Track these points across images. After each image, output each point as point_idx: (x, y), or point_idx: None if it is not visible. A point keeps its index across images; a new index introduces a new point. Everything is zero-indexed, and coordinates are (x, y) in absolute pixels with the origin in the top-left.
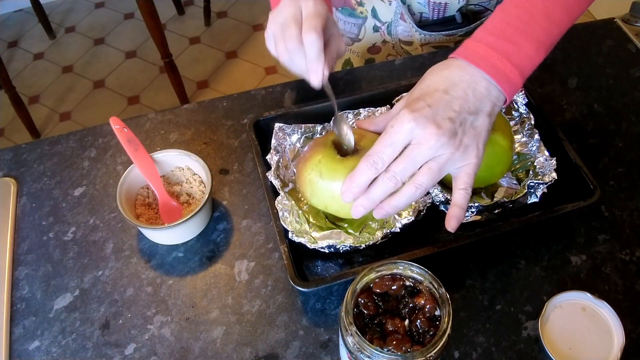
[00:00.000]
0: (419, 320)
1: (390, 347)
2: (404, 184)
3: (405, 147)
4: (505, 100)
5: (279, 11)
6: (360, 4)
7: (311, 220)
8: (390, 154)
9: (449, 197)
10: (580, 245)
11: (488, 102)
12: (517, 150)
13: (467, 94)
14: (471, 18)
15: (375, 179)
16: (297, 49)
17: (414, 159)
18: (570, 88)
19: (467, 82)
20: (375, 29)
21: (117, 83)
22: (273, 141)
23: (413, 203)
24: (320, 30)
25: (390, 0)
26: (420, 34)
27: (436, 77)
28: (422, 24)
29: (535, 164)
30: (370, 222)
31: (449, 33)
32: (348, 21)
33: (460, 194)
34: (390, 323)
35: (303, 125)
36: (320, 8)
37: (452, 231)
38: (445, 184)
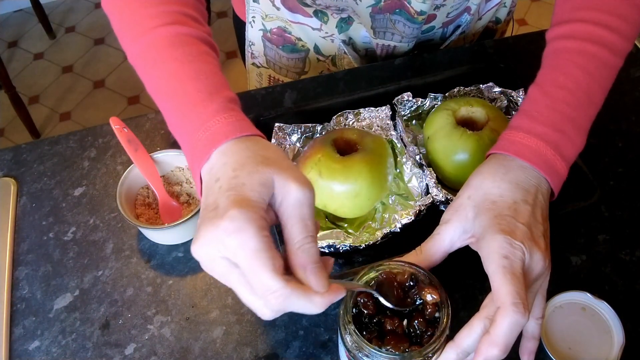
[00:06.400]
0: (417, 321)
1: (388, 347)
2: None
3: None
4: (553, 195)
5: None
6: (300, 39)
7: None
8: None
9: (449, 197)
10: (580, 245)
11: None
12: None
13: (539, 200)
14: None
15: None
16: (287, 304)
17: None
18: None
19: (535, 187)
20: (320, 60)
21: (117, 83)
22: (273, 141)
23: (412, 203)
24: (316, 255)
25: (332, 38)
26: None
27: (505, 185)
28: (368, 59)
29: None
30: (370, 222)
31: None
32: (292, 57)
33: (537, 324)
34: (389, 322)
35: (303, 125)
36: (301, 195)
37: None
38: (446, 184)
